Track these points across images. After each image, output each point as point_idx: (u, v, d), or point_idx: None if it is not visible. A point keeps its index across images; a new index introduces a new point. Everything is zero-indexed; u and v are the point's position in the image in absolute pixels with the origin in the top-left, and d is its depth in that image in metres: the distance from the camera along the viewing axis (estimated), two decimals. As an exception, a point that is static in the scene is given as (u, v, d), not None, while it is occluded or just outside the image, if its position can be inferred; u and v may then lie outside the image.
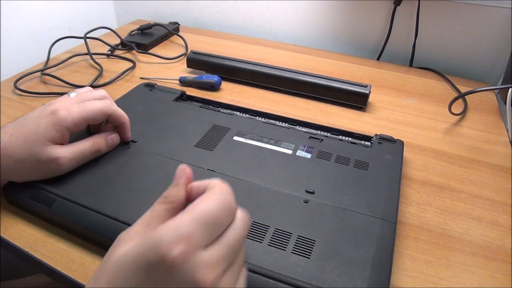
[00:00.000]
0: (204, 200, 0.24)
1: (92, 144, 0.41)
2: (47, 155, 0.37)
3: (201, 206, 0.23)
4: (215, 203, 0.23)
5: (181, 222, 0.22)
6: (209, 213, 0.23)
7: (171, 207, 0.25)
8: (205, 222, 0.22)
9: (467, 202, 0.43)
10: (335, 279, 0.31)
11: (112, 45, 0.77)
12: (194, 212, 0.23)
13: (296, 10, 0.84)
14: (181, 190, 0.25)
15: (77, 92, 0.43)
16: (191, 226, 0.22)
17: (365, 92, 0.59)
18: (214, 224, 0.23)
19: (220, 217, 0.23)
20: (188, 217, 0.22)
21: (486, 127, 0.58)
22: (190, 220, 0.22)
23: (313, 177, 0.41)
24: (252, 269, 0.31)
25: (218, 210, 0.23)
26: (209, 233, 0.22)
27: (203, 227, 0.22)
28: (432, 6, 0.72)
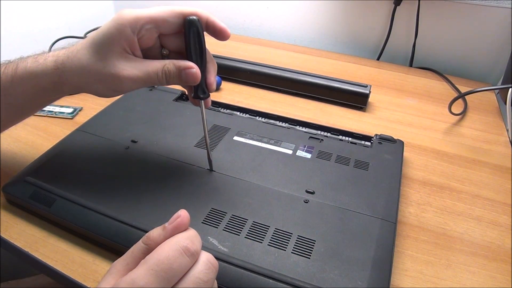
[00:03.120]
0: (158, 249, 0.24)
1: (162, 67, 0.35)
2: (108, 68, 0.34)
3: (154, 255, 0.24)
4: (167, 251, 0.24)
5: (137, 274, 0.23)
6: (161, 261, 0.23)
7: (147, 250, 0.25)
8: (158, 271, 0.23)
9: (467, 202, 0.43)
10: (335, 279, 0.31)
11: (112, 45, 0.77)
12: (148, 262, 0.23)
13: (296, 10, 0.84)
14: (161, 237, 0.25)
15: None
16: (146, 277, 0.22)
17: (365, 92, 0.59)
18: (167, 271, 0.23)
19: (173, 264, 0.23)
20: (143, 268, 0.23)
21: (486, 127, 0.58)
22: (145, 271, 0.23)
23: (313, 177, 0.41)
24: (252, 269, 0.31)
25: (170, 258, 0.23)
26: (164, 282, 0.23)
27: (158, 276, 0.22)
28: (432, 6, 0.72)
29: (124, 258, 0.26)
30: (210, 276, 0.25)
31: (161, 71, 0.35)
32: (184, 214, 0.26)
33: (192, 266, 0.24)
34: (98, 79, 0.35)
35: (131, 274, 0.23)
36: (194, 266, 0.24)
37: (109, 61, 0.34)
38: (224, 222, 0.35)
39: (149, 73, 0.35)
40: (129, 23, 0.33)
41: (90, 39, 0.35)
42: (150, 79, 0.35)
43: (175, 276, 0.23)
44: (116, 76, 0.34)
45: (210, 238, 0.33)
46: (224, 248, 0.33)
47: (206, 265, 0.25)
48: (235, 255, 0.32)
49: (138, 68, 0.35)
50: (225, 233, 0.34)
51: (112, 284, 0.24)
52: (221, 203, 0.37)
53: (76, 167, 0.41)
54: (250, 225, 0.35)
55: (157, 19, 0.34)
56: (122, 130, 0.47)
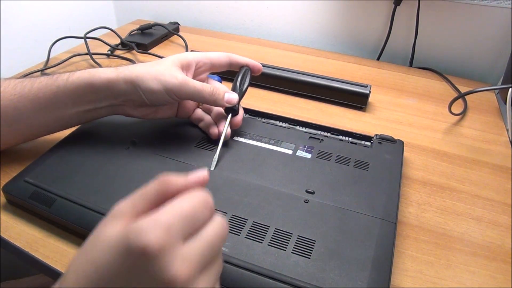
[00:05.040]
0: (182, 197, 0.24)
1: (212, 89, 0.42)
2: (170, 71, 0.41)
3: (179, 200, 0.23)
4: (193, 199, 0.23)
5: (161, 214, 0.22)
6: (188, 207, 0.23)
7: (163, 192, 0.24)
8: (184, 216, 0.22)
9: (467, 202, 0.43)
10: (335, 279, 0.31)
11: (112, 45, 0.77)
12: (173, 206, 0.23)
13: (296, 10, 0.84)
14: (183, 186, 0.25)
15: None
16: (170, 218, 0.22)
17: (365, 92, 0.59)
18: (192, 218, 0.23)
19: (198, 213, 0.23)
20: (167, 210, 0.22)
21: (486, 127, 0.58)
22: (169, 212, 0.22)
23: (313, 177, 0.41)
24: (252, 269, 0.31)
25: (196, 206, 0.23)
26: (187, 227, 0.22)
27: (181, 220, 0.22)
28: (432, 6, 0.72)
29: (131, 200, 0.25)
30: (223, 236, 0.25)
31: (212, 88, 0.43)
32: (207, 173, 0.26)
33: (209, 222, 0.24)
34: (160, 73, 0.41)
35: (152, 215, 0.22)
36: (212, 220, 0.24)
37: (173, 68, 0.42)
38: (224, 222, 0.35)
39: (205, 85, 0.42)
40: (192, 55, 0.44)
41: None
42: (203, 91, 0.42)
43: (197, 224, 0.23)
44: (178, 77, 0.41)
45: (210, 238, 0.33)
46: (224, 248, 0.33)
47: (221, 224, 0.25)
48: (235, 255, 0.32)
49: (197, 80, 0.43)
50: (225, 233, 0.34)
51: (121, 227, 0.22)
52: (221, 203, 0.37)
53: (76, 167, 0.41)
54: (250, 225, 0.35)
55: (214, 60, 0.46)
56: (122, 130, 0.47)
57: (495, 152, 0.52)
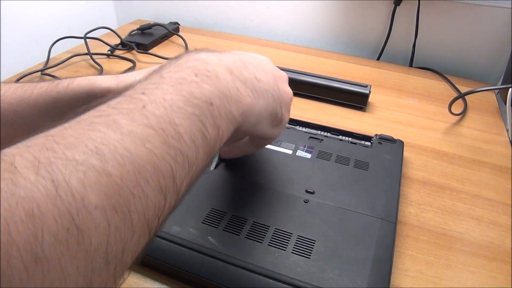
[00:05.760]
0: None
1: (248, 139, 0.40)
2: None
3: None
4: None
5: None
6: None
7: None
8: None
9: (467, 202, 0.43)
10: (335, 279, 0.31)
11: (112, 45, 0.77)
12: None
13: (296, 10, 0.84)
14: None
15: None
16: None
17: (365, 92, 0.59)
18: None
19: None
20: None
21: (486, 127, 0.58)
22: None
23: (313, 177, 0.41)
24: (252, 269, 0.31)
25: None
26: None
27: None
28: (432, 6, 0.72)
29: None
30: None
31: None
32: None
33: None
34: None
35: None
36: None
37: None
38: (224, 222, 0.35)
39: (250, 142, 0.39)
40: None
41: None
42: (253, 144, 0.39)
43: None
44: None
45: (210, 238, 0.33)
46: (224, 248, 0.33)
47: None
48: (235, 255, 0.32)
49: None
50: (225, 233, 0.34)
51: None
52: (221, 203, 0.37)
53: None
54: (250, 225, 0.35)
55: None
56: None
57: (495, 152, 0.52)
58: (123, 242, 0.17)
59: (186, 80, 0.23)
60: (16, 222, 0.13)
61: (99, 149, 0.17)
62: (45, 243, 0.14)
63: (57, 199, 0.15)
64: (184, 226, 0.34)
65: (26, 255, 0.13)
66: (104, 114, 0.19)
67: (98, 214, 0.16)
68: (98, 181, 0.16)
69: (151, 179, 0.18)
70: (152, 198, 0.18)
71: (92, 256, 0.15)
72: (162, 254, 0.33)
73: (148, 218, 0.18)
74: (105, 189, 0.16)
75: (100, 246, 0.16)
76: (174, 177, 0.20)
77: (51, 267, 0.14)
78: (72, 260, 0.15)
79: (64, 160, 0.16)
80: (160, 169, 0.19)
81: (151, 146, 0.19)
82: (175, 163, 0.20)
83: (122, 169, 0.17)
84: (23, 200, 0.14)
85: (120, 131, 0.18)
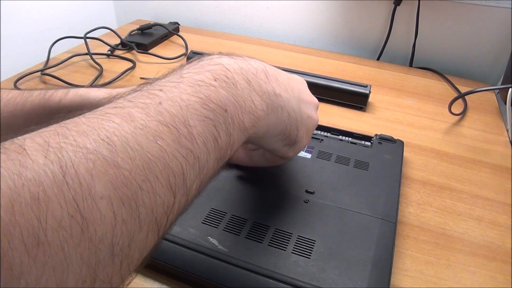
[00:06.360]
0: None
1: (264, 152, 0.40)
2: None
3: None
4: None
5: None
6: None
7: None
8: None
9: (467, 202, 0.43)
10: (335, 279, 0.31)
11: (112, 45, 0.77)
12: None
13: (296, 10, 0.84)
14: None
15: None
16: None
17: (365, 92, 0.59)
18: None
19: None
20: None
21: (486, 127, 0.58)
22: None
23: (313, 177, 0.41)
24: (252, 269, 0.31)
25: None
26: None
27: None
28: (432, 6, 0.72)
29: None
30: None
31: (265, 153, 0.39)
32: None
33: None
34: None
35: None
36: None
37: None
38: (224, 222, 0.35)
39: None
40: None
41: None
42: (265, 158, 0.39)
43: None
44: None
45: (210, 238, 0.33)
46: (224, 248, 0.33)
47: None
48: (235, 255, 0.32)
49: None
50: (225, 233, 0.34)
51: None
52: (221, 203, 0.37)
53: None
54: (250, 225, 0.35)
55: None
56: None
57: (495, 152, 0.52)
58: (129, 236, 0.17)
59: (205, 83, 0.23)
60: (20, 203, 0.13)
61: (110, 139, 0.17)
62: (48, 228, 0.14)
63: (64, 186, 0.15)
64: (184, 226, 0.34)
65: (28, 237, 0.13)
66: (119, 106, 0.19)
67: (104, 205, 0.15)
68: (107, 171, 0.16)
69: (160, 176, 0.18)
70: (161, 194, 0.18)
71: (96, 246, 0.15)
72: (162, 254, 0.33)
73: (157, 214, 0.18)
74: (113, 180, 0.16)
75: (105, 236, 0.15)
76: (184, 176, 0.20)
77: (53, 252, 0.14)
78: (75, 247, 0.14)
79: (74, 146, 0.16)
80: (170, 167, 0.19)
81: (163, 143, 0.19)
82: (186, 162, 0.20)
83: (131, 162, 0.17)
84: (29, 182, 0.14)
85: (134, 125, 0.18)
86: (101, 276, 0.16)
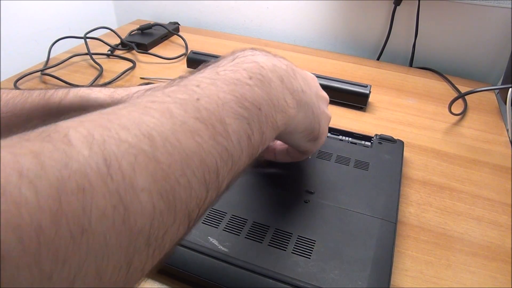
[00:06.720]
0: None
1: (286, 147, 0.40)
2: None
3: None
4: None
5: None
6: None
7: None
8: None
9: (467, 202, 0.43)
10: (335, 279, 0.31)
11: (112, 45, 0.77)
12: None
13: (296, 10, 0.84)
14: None
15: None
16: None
17: (365, 92, 0.59)
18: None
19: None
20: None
21: (486, 127, 0.58)
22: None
23: (313, 177, 0.41)
24: (252, 269, 0.31)
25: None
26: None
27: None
28: (432, 6, 0.72)
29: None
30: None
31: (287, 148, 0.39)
32: None
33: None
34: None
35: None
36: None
37: None
38: (224, 222, 0.35)
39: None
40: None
41: None
42: (289, 155, 0.39)
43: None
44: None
45: (210, 238, 0.33)
46: (224, 248, 0.33)
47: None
48: (235, 255, 0.32)
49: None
50: (225, 233, 0.34)
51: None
52: (221, 203, 0.37)
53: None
54: (250, 225, 0.35)
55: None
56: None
57: (495, 152, 0.52)
58: (165, 227, 0.17)
59: (241, 81, 0.24)
60: (67, 193, 0.14)
61: (151, 135, 0.18)
62: (93, 217, 0.14)
63: (108, 178, 0.15)
64: (184, 226, 0.34)
65: (73, 226, 0.14)
66: (158, 101, 0.20)
67: (144, 197, 0.16)
68: (147, 166, 0.17)
69: (197, 171, 0.19)
70: (196, 189, 0.19)
71: (136, 236, 0.16)
72: (162, 254, 0.33)
73: (190, 208, 0.19)
74: (153, 174, 0.17)
75: (144, 227, 0.16)
76: (218, 172, 0.20)
77: (96, 240, 0.14)
78: (116, 236, 0.15)
79: (117, 140, 0.16)
80: (206, 163, 0.19)
81: (200, 140, 0.19)
82: (220, 159, 0.20)
83: (170, 157, 0.18)
84: (75, 173, 0.14)
85: (173, 121, 0.19)
86: (135, 264, 0.16)
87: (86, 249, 0.14)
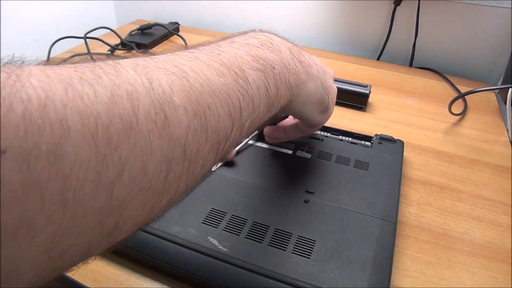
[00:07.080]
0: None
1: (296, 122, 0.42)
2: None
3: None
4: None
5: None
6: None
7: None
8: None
9: (467, 202, 0.43)
10: (335, 279, 0.31)
11: (112, 45, 0.77)
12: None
13: (296, 10, 0.84)
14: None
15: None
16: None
17: (365, 92, 0.59)
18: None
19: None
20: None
21: (486, 127, 0.58)
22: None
23: (313, 177, 0.41)
24: (252, 269, 0.31)
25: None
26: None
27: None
28: (432, 6, 0.72)
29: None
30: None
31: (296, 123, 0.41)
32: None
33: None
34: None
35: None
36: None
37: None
38: (224, 222, 0.35)
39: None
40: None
41: None
42: (299, 129, 0.41)
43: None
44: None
45: (210, 238, 0.33)
46: (224, 248, 0.33)
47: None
48: (235, 255, 0.32)
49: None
50: (225, 233, 0.34)
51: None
52: (221, 203, 0.37)
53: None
54: (250, 225, 0.35)
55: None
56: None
57: (495, 152, 0.52)
58: (197, 145, 0.20)
59: (254, 46, 0.27)
60: (119, 95, 0.16)
61: (184, 70, 0.20)
62: (139, 117, 0.17)
63: (151, 91, 0.18)
64: (184, 226, 0.34)
65: (123, 122, 0.16)
66: (186, 53, 0.23)
67: (181, 112, 0.19)
68: (183, 88, 0.19)
69: (224, 103, 0.21)
70: (224, 119, 0.21)
71: (174, 143, 0.18)
72: (162, 254, 0.33)
73: (219, 136, 0.21)
74: (187, 95, 0.19)
75: (180, 137, 0.18)
76: (241, 110, 0.23)
77: (142, 137, 0.17)
78: (158, 139, 0.17)
79: (156, 68, 0.19)
80: (231, 99, 0.22)
81: (225, 80, 0.22)
82: (243, 99, 0.23)
83: (201, 87, 0.20)
84: (125, 83, 0.17)
85: (200, 62, 0.22)
86: (173, 172, 0.19)
87: (134, 142, 0.16)
